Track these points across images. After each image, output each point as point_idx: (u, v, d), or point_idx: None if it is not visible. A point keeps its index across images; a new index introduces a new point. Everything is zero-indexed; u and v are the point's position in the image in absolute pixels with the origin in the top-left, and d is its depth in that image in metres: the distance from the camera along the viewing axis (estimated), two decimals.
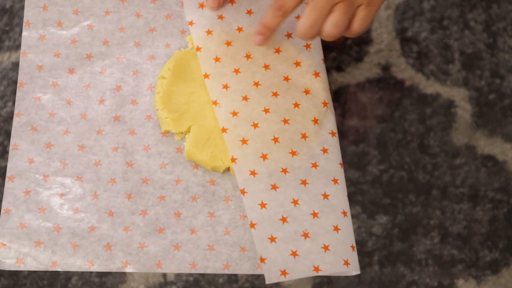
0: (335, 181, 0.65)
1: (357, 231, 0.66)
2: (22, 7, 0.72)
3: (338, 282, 0.64)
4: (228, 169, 0.66)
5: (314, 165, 0.66)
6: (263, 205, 0.64)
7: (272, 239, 0.63)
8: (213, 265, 0.63)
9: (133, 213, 0.65)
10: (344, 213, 0.64)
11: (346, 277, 0.64)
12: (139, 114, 0.68)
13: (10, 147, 0.66)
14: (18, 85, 0.68)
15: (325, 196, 0.65)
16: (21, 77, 0.68)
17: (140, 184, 0.66)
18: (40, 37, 0.70)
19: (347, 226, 0.64)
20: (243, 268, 0.63)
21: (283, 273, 0.61)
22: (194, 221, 0.65)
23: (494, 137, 0.70)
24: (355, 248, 0.63)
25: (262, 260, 0.62)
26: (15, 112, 0.67)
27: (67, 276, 0.63)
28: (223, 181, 0.66)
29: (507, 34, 0.75)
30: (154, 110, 0.68)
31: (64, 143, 0.67)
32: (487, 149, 0.70)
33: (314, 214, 0.64)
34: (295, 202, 0.64)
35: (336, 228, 0.63)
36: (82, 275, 0.63)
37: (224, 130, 0.65)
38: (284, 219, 0.63)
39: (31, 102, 0.68)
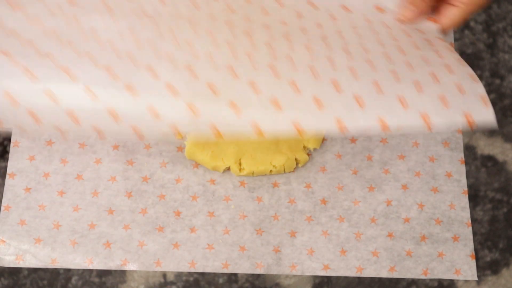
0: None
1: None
2: None
3: (338, 282, 0.64)
4: (228, 169, 0.66)
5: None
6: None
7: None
8: (212, 264, 0.63)
9: (133, 211, 0.65)
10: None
11: (346, 277, 0.64)
12: None
13: (11, 144, 0.66)
14: None
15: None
16: None
17: (140, 183, 0.66)
18: None
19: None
20: (242, 267, 0.63)
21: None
22: (194, 220, 0.65)
23: (494, 137, 0.70)
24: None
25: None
26: None
27: (67, 276, 0.63)
28: (223, 180, 0.66)
29: (507, 34, 0.75)
30: None
31: (65, 141, 0.66)
32: (487, 149, 0.70)
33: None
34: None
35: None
36: (82, 275, 0.63)
37: None
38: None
39: None
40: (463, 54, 0.73)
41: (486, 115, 0.51)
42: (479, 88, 0.52)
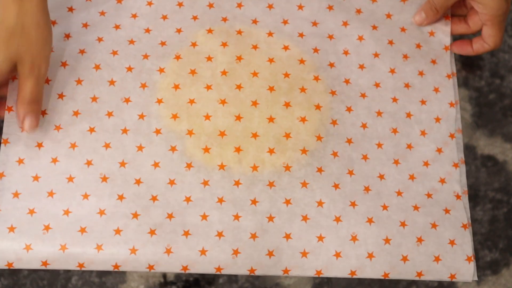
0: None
1: None
2: None
3: (338, 282, 0.64)
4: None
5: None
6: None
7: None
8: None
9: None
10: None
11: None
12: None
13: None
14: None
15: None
16: None
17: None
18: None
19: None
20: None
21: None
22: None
23: (494, 137, 0.70)
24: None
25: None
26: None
27: (67, 276, 0.63)
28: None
29: (507, 34, 0.75)
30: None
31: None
32: (487, 149, 0.70)
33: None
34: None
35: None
36: (82, 275, 0.63)
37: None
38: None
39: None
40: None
41: (467, 271, 0.63)
42: (466, 245, 0.64)
